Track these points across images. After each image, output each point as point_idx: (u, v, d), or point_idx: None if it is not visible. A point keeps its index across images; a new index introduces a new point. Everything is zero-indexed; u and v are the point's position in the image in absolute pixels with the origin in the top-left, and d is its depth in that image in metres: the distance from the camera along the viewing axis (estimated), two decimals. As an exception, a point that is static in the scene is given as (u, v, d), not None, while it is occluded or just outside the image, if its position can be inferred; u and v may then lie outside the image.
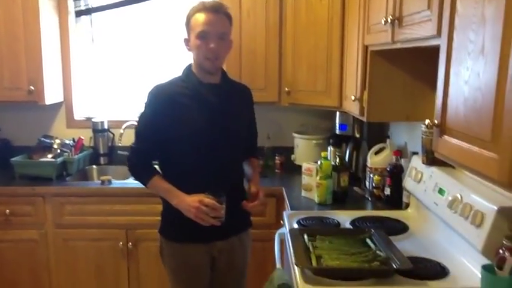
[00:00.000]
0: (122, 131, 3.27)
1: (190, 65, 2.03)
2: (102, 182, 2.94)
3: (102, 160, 3.42)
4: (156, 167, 2.08)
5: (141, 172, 2.03)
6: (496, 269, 1.31)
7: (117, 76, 3.52)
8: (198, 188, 1.92)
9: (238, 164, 2.13)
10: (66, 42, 3.36)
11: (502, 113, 1.01)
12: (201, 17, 1.91)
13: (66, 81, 3.40)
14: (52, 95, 3.21)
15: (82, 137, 3.31)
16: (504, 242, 1.40)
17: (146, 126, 2.00)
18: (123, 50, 3.48)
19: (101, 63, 3.52)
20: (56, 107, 3.41)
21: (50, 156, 3.11)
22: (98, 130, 3.38)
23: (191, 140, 1.95)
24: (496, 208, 1.48)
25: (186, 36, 1.98)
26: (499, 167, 1.02)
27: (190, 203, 1.88)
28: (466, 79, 1.17)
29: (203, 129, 1.95)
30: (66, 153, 3.16)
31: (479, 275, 1.35)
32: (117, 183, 2.96)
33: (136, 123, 2.09)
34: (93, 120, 3.40)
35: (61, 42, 3.34)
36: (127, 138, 3.31)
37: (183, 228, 1.98)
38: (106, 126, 3.41)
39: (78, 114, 3.50)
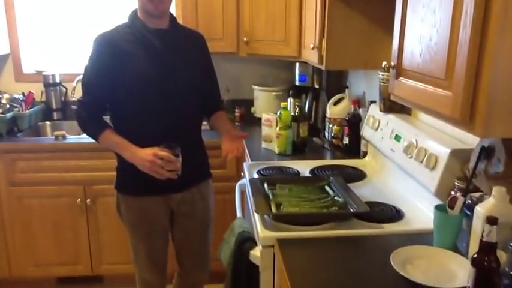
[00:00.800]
0: (74, 84, 3.15)
1: (135, 10, 1.93)
2: (56, 138, 2.84)
3: (55, 115, 3.28)
4: (108, 121, 1.99)
5: (91, 126, 1.94)
6: (448, 208, 1.35)
7: (67, 27, 3.34)
8: (151, 140, 1.86)
9: (194, 114, 2.05)
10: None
11: (455, 50, 1.00)
12: None
13: (11, 31, 3.21)
14: (-3, 46, 3.03)
15: (32, 91, 3.16)
16: (456, 183, 1.44)
17: (92, 77, 1.90)
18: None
19: (50, 15, 3.32)
20: (2, 59, 3.23)
21: (-2, 111, 2.96)
22: (49, 84, 3.23)
23: (139, 89, 1.87)
24: (449, 151, 1.52)
25: None
26: (452, 103, 1.02)
27: (144, 156, 1.82)
28: (422, 16, 1.15)
29: (151, 77, 1.87)
30: (16, 109, 3.02)
31: (433, 215, 1.38)
32: (71, 139, 2.86)
33: (82, 75, 1.98)
34: (43, 73, 3.24)
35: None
36: (80, 92, 3.19)
37: (138, 181, 1.93)
38: (58, 80, 3.26)
39: (28, 68, 3.33)
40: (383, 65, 1.36)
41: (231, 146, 2.01)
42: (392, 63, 1.33)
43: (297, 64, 2.98)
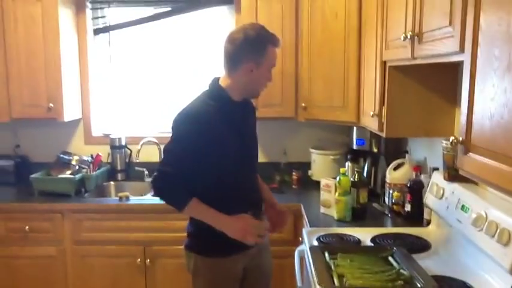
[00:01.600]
0: (139, 147, 3.29)
1: (218, 83, 2.02)
2: (120, 198, 2.95)
3: (119, 176, 3.43)
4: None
5: (177, 195, 1.97)
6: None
7: (134, 93, 3.56)
8: (236, 208, 1.96)
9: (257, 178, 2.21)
10: (84, 60, 3.42)
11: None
12: (275, 52, 2.00)
13: (84, 98, 3.45)
14: (70, 112, 3.25)
15: (100, 154, 3.34)
16: (533, 261, 1.37)
17: (184, 149, 1.93)
18: (140, 67, 3.52)
19: (119, 81, 3.56)
20: (74, 123, 3.45)
21: (68, 172, 3.14)
22: (115, 146, 3.41)
23: (227, 162, 1.98)
24: (523, 226, 1.45)
25: (251, 63, 1.94)
26: (528, 185, 1.00)
27: (237, 225, 1.93)
28: (492, 96, 1.15)
29: (235, 149, 1.99)
30: (84, 170, 3.19)
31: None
32: (134, 200, 2.96)
33: (169, 147, 1.99)
34: (110, 136, 3.43)
35: (79, 60, 3.40)
36: (144, 155, 3.34)
37: (222, 243, 1.98)
38: (123, 143, 3.43)
39: (96, 131, 3.54)
40: (450, 140, 1.35)
41: (278, 220, 2.17)
42: (460, 138, 1.32)
43: (355, 128, 3.00)
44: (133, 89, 3.55)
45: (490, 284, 1.62)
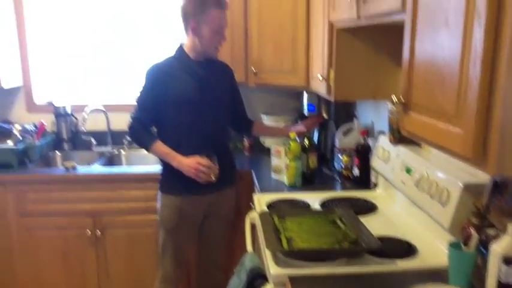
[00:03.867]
0: (85, 115, 3.17)
1: (181, 47, 2.36)
2: (67, 168, 2.85)
3: (66, 146, 3.31)
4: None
5: (144, 137, 2.36)
6: (462, 245, 1.32)
7: (80, 60, 3.40)
8: (191, 150, 2.27)
9: (224, 127, 2.50)
10: (22, 26, 3.22)
11: (466, 86, 0.99)
12: (218, 14, 2.25)
13: (24, 65, 3.27)
14: (9, 78, 3.08)
15: (44, 122, 3.19)
16: (469, 218, 1.41)
17: (146, 97, 2.32)
18: (86, 32, 3.36)
19: (62, 47, 3.38)
20: (14, 91, 3.28)
21: (10, 142, 2.98)
22: (60, 115, 3.27)
23: (184, 107, 2.30)
24: (461, 185, 1.49)
25: (193, 23, 2.24)
26: (463, 141, 1.00)
27: (190, 164, 2.24)
28: (431, 52, 1.15)
29: (194, 98, 2.30)
30: (27, 139, 3.04)
31: (447, 252, 1.35)
32: (82, 170, 2.86)
33: (138, 97, 2.37)
34: (55, 104, 3.28)
35: (18, 27, 3.21)
36: (91, 123, 3.23)
37: (180, 183, 2.32)
38: (69, 111, 3.29)
39: (39, 99, 3.37)
40: (393, 99, 1.35)
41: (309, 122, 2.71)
42: (402, 98, 1.32)
43: (305, 93, 2.99)
44: (78, 56, 3.39)
45: (431, 242, 1.67)
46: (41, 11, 3.31)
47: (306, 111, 3.01)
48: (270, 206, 2.12)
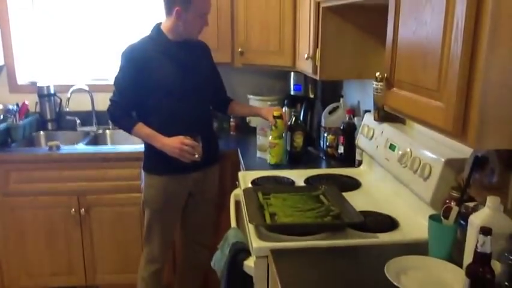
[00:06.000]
0: (69, 95, 3.14)
1: (158, 27, 2.30)
2: (50, 148, 2.83)
3: (49, 126, 3.28)
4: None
5: (125, 121, 2.31)
6: (442, 218, 1.35)
7: (62, 38, 3.35)
8: (175, 131, 2.24)
9: (207, 108, 2.48)
10: (4, 4, 3.15)
11: (447, 61, 1.00)
12: (205, 1, 2.24)
13: (6, 44, 3.20)
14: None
15: (26, 102, 3.15)
16: (450, 192, 1.44)
17: (124, 81, 2.26)
18: (66, 11, 3.30)
19: (44, 26, 3.32)
20: (-4, 70, 3.23)
21: (-8, 122, 2.95)
22: (43, 95, 3.23)
23: (165, 89, 2.26)
24: (443, 160, 1.52)
25: (179, 7, 2.18)
26: (444, 115, 1.02)
27: (174, 144, 2.22)
28: (413, 29, 1.16)
29: (174, 79, 2.26)
30: (9, 119, 3.00)
31: (427, 225, 1.38)
32: (65, 149, 2.84)
33: (115, 79, 2.31)
34: (38, 84, 3.23)
35: (-1, 4, 3.14)
36: (75, 103, 3.20)
37: (164, 162, 2.29)
38: (52, 91, 3.25)
39: (22, 79, 3.32)
40: (376, 76, 1.36)
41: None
42: (385, 74, 1.34)
43: (292, 74, 2.99)
44: (61, 35, 3.33)
45: (412, 216, 1.70)
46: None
47: (292, 91, 3.02)
48: (254, 182, 2.13)
